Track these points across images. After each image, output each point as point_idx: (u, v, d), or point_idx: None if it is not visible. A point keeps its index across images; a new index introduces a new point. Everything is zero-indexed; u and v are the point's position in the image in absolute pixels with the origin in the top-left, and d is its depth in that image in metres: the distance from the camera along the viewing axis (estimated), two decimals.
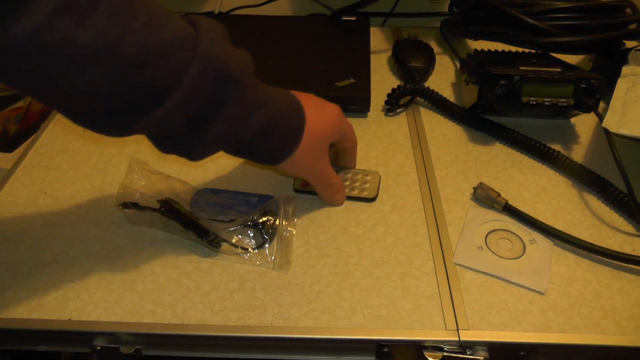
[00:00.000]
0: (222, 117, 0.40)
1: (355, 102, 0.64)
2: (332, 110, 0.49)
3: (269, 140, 0.43)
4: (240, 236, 0.49)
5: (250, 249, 0.48)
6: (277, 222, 0.50)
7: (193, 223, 0.48)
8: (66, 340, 0.44)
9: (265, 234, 0.48)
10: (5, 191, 0.55)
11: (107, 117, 0.37)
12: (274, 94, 0.44)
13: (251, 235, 0.49)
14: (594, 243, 0.47)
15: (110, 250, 0.48)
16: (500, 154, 0.59)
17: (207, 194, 0.53)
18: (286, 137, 0.44)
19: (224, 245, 0.48)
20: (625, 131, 0.51)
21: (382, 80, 0.73)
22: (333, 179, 0.51)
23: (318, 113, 0.47)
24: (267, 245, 0.48)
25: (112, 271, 0.46)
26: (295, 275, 0.46)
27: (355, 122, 0.64)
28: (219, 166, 0.57)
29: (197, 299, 0.44)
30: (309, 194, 0.53)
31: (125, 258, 0.48)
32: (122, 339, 0.43)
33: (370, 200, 0.53)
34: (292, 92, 0.47)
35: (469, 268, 0.47)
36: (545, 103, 0.58)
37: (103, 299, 0.44)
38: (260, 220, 0.49)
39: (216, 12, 0.89)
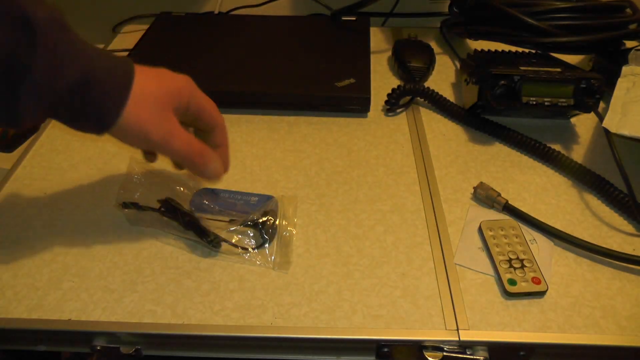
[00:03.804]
0: (28, 69, 0.35)
1: (355, 102, 0.64)
2: (174, 75, 0.43)
3: (86, 102, 0.38)
4: (240, 236, 0.49)
5: (250, 249, 0.48)
6: (277, 222, 0.50)
7: (193, 223, 0.48)
8: (66, 340, 0.44)
9: (265, 234, 0.48)
10: (5, 191, 0.55)
11: None
12: (92, 49, 0.38)
13: (251, 235, 0.49)
14: (594, 243, 0.47)
15: (110, 250, 0.48)
16: (500, 154, 0.59)
17: (207, 194, 0.53)
18: (105, 99, 0.38)
19: (224, 245, 0.48)
20: (625, 131, 0.51)
21: (382, 80, 0.73)
22: (190, 141, 0.43)
23: (154, 75, 0.41)
24: (267, 245, 0.48)
25: (112, 271, 0.46)
26: (295, 275, 0.46)
27: (355, 122, 0.64)
28: None
29: (197, 299, 0.44)
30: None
31: (125, 258, 0.48)
32: (122, 339, 0.43)
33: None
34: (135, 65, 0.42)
35: (469, 268, 0.47)
36: (545, 103, 0.58)
37: (103, 299, 0.44)
38: (260, 220, 0.49)
39: (216, 12, 0.90)
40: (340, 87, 0.65)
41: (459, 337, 0.41)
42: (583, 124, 0.64)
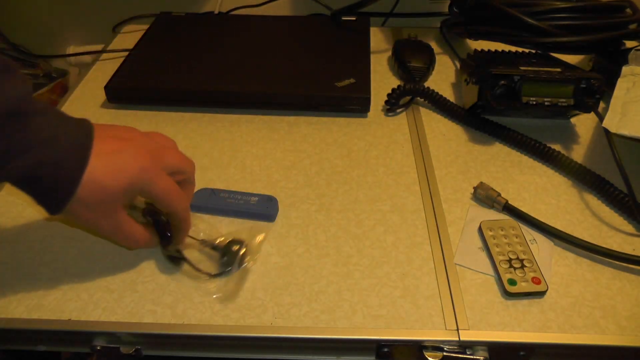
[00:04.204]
0: None
1: (355, 102, 0.64)
2: (136, 159, 0.40)
3: (34, 190, 0.38)
4: (205, 258, 0.47)
5: (208, 274, 0.46)
6: (242, 252, 0.47)
7: (163, 233, 0.46)
8: (66, 340, 0.44)
9: (228, 263, 0.46)
10: (5, 191, 0.55)
11: None
12: (47, 136, 0.37)
13: (214, 259, 0.47)
14: (594, 243, 0.47)
15: (110, 250, 0.48)
16: (500, 153, 0.59)
17: (207, 194, 0.53)
18: (52, 191, 0.38)
19: (186, 265, 0.46)
20: (625, 131, 0.51)
21: (382, 80, 0.73)
22: (130, 237, 0.43)
23: (113, 160, 0.39)
24: (226, 274, 0.46)
25: (112, 271, 0.46)
26: (295, 275, 0.46)
27: (355, 122, 0.64)
28: (219, 166, 0.57)
29: (197, 299, 0.44)
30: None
31: (125, 258, 0.48)
32: (122, 339, 0.43)
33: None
34: (98, 128, 0.40)
35: (469, 268, 0.47)
36: (545, 103, 0.58)
37: (103, 299, 0.44)
38: (225, 247, 0.47)
39: (216, 12, 0.90)
40: (340, 87, 0.65)
41: (459, 337, 0.41)
42: (583, 124, 0.64)
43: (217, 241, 0.47)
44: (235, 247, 0.47)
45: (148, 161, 0.41)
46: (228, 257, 0.46)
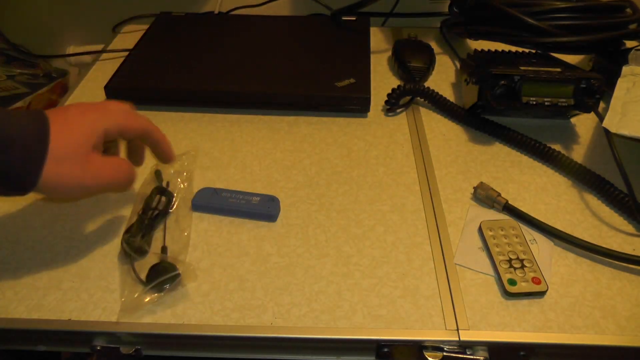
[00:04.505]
0: None
1: (355, 102, 0.64)
2: (85, 113, 0.42)
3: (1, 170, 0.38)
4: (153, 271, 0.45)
5: (142, 285, 0.44)
6: (169, 277, 0.44)
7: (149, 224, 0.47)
8: (66, 340, 0.44)
9: (161, 284, 0.44)
10: None
11: None
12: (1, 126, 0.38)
13: (157, 275, 0.45)
14: (594, 243, 0.47)
15: (110, 250, 0.48)
16: (500, 153, 0.59)
17: (209, 193, 0.53)
18: (24, 163, 0.38)
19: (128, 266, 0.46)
20: (625, 131, 0.51)
21: (382, 80, 0.73)
22: (116, 168, 0.44)
23: (65, 123, 0.41)
24: (153, 291, 0.44)
25: (112, 271, 0.46)
26: (295, 275, 0.46)
27: (355, 122, 0.64)
28: (219, 166, 0.57)
29: (197, 299, 0.44)
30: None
31: (125, 258, 0.47)
32: (122, 339, 0.43)
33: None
34: (50, 112, 0.42)
35: (469, 268, 0.47)
36: (545, 103, 0.58)
37: (103, 299, 0.44)
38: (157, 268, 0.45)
39: (216, 12, 0.90)
40: (340, 87, 0.65)
41: (459, 337, 0.41)
42: (583, 124, 0.64)
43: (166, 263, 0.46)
44: (166, 272, 0.45)
45: (97, 111, 0.43)
46: (154, 274, 0.45)
